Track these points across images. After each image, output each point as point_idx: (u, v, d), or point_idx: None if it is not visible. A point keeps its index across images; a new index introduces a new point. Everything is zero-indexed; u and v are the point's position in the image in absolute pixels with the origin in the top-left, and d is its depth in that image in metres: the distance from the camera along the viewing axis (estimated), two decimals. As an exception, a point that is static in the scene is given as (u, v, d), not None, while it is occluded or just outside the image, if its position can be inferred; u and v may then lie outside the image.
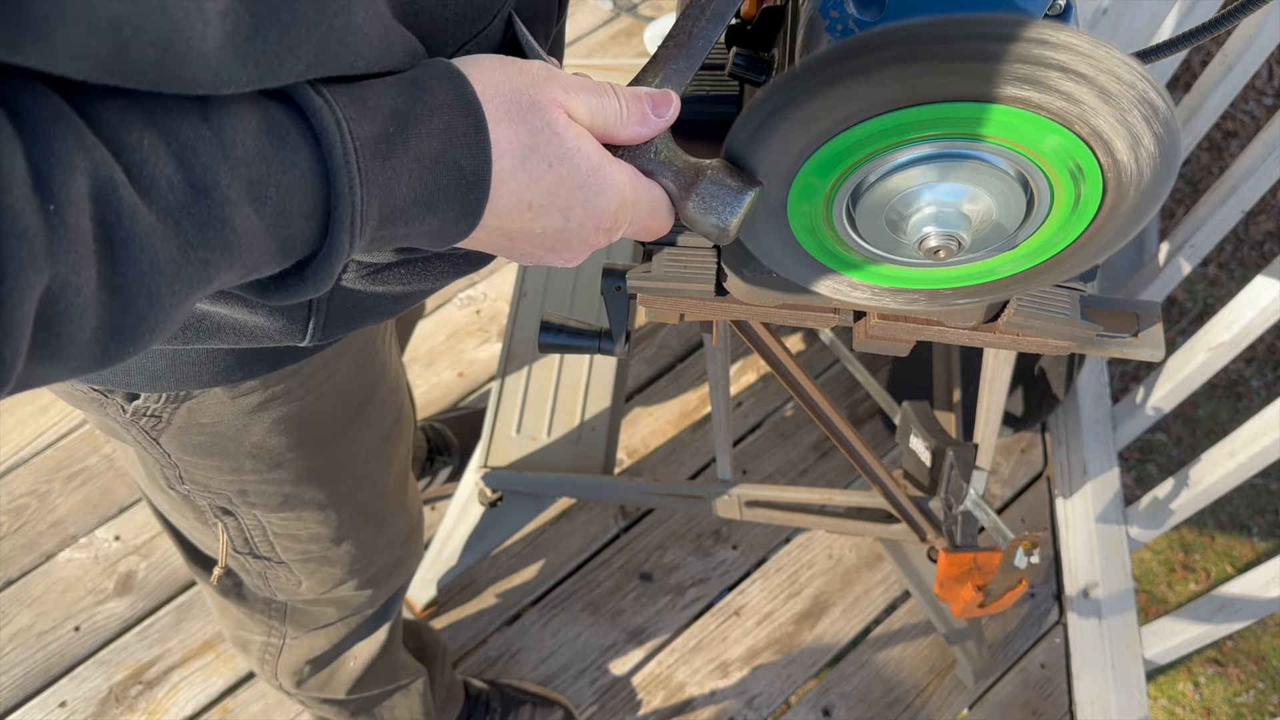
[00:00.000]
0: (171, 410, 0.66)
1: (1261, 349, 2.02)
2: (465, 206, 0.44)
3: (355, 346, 0.72)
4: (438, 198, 0.42)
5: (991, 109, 0.43)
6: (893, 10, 0.47)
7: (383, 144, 0.40)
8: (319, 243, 0.40)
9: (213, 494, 0.76)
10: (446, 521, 1.42)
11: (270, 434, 0.70)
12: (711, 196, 0.49)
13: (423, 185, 0.42)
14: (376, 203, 0.40)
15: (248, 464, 0.72)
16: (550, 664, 1.50)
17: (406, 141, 0.41)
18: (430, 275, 0.59)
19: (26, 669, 1.45)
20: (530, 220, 0.47)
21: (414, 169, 0.41)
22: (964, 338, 0.69)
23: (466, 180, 0.43)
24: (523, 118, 0.44)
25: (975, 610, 1.16)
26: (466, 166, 0.42)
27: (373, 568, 0.91)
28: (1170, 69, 1.57)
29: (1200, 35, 0.54)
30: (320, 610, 0.94)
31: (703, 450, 1.66)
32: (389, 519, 0.90)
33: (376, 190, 0.40)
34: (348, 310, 0.59)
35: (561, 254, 0.50)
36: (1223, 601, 1.34)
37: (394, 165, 0.40)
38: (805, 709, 1.49)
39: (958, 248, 0.48)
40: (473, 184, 0.43)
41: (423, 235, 0.45)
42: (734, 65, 0.61)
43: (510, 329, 1.41)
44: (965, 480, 1.11)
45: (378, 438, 0.81)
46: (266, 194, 0.37)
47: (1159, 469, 1.85)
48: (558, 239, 0.49)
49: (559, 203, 0.46)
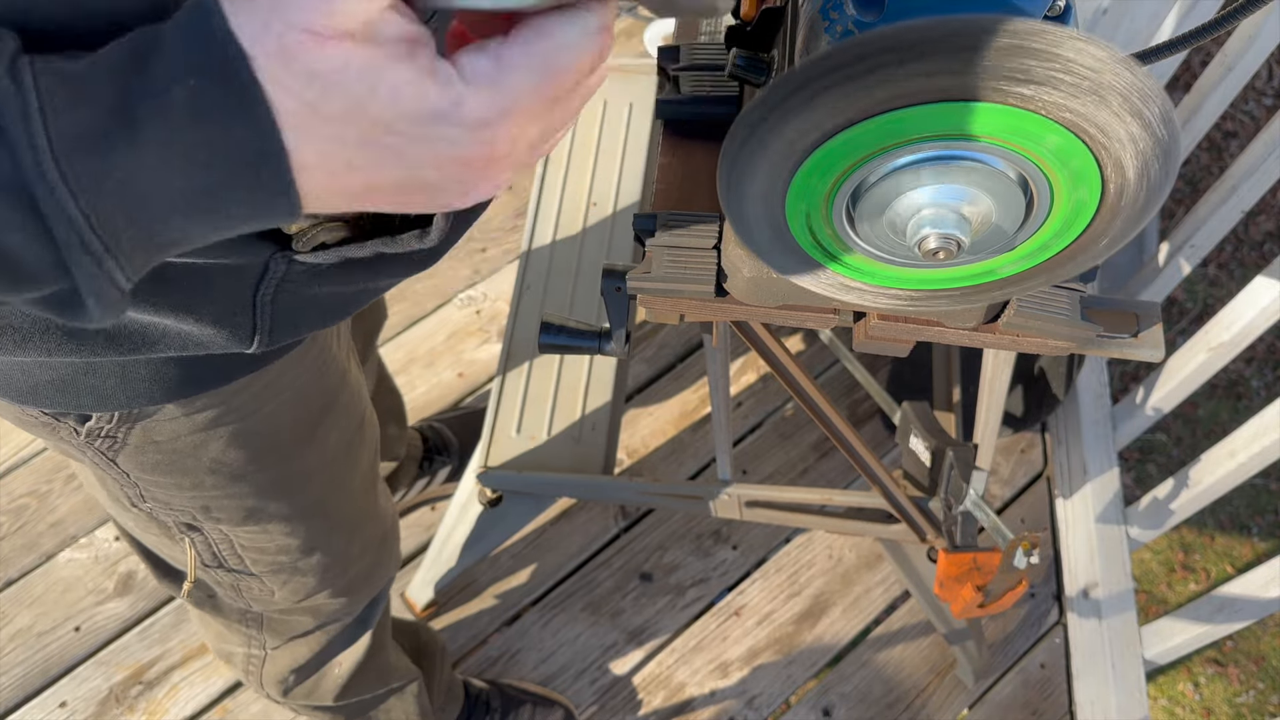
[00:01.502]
0: (126, 430, 0.65)
1: (1261, 349, 2.02)
2: (262, 188, 0.34)
3: (311, 355, 0.71)
4: (217, 185, 0.33)
5: (991, 110, 0.43)
6: (892, 12, 0.47)
7: (101, 138, 0.31)
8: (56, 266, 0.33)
9: (175, 511, 0.75)
10: (446, 522, 1.42)
11: (229, 448, 0.69)
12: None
13: (185, 176, 0.33)
14: (118, 209, 0.32)
15: (208, 480, 0.71)
16: (550, 664, 1.50)
17: (134, 127, 0.32)
18: (375, 273, 0.55)
19: (26, 669, 1.45)
20: (369, 181, 0.36)
21: (161, 157, 0.32)
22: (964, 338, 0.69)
23: (247, 155, 0.33)
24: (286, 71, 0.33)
25: (975, 610, 1.16)
26: (239, 140, 0.33)
27: (346, 575, 0.90)
28: (1170, 69, 1.57)
29: (1200, 36, 0.54)
30: (297, 619, 0.93)
31: (703, 450, 1.66)
32: (359, 526, 0.89)
33: (109, 194, 0.32)
34: (294, 313, 0.57)
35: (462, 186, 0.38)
36: (1223, 601, 1.34)
37: (125, 158, 0.32)
38: (805, 709, 1.49)
39: (957, 249, 0.48)
40: (260, 158, 0.33)
41: (239, 222, 0.35)
42: (734, 66, 0.61)
43: (510, 329, 1.41)
44: (965, 480, 1.11)
45: (341, 445, 0.80)
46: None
47: (1159, 469, 1.85)
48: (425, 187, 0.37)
49: (378, 150, 0.35)
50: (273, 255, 0.51)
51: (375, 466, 0.91)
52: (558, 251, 1.47)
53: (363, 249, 0.49)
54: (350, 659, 1.03)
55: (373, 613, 1.02)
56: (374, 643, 1.05)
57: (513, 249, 1.85)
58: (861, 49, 0.41)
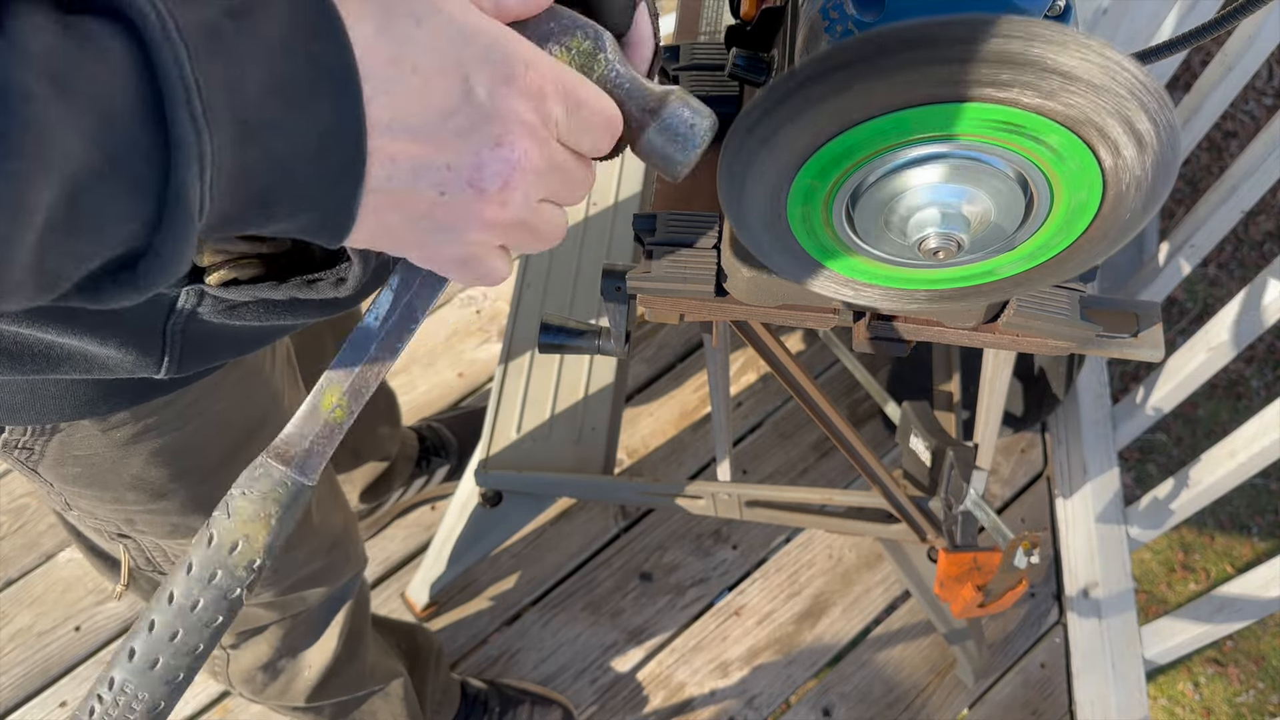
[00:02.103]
0: (43, 443, 0.64)
1: (1261, 349, 2.02)
2: (337, 97, 0.36)
3: (233, 378, 0.70)
4: (299, 89, 0.35)
5: (990, 110, 0.43)
6: (892, 11, 0.47)
7: (212, 29, 0.33)
8: (163, 151, 0.32)
9: (102, 520, 0.74)
10: (446, 522, 1.42)
11: (149, 465, 0.68)
12: (676, 125, 0.44)
13: (273, 74, 0.34)
14: (221, 91, 0.33)
15: (129, 495, 0.70)
16: (550, 664, 1.50)
17: (240, 28, 0.33)
18: (290, 313, 0.54)
19: (26, 669, 1.45)
20: (425, 94, 0.38)
21: (260, 54, 0.34)
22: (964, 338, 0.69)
23: (328, 65, 0.35)
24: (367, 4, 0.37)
25: (975, 610, 1.16)
26: (320, 52, 0.35)
27: (288, 580, 0.90)
28: (1170, 69, 1.57)
29: (1200, 35, 0.54)
30: (249, 611, 0.92)
31: (703, 450, 1.66)
32: (301, 540, 0.88)
33: (217, 73, 0.33)
34: (203, 343, 0.56)
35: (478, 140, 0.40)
36: (1223, 601, 1.34)
37: (231, 49, 0.33)
38: (805, 709, 1.49)
39: (957, 249, 0.48)
40: (336, 67, 0.35)
41: (306, 154, 0.36)
42: (734, 66, 0.61)
43: (510, 328, 1.41)
44: (965, 480, 1.11)
45: None
46: (76, 88, 0.30)
47: (1159, 469, 1.85)
48: (477, 117, 0.39)
49: (448, 60, 0.38)
50: (184, 287, 0.51)
51: (326, 480, 0.91)
52: (558, 251, 1.47)
53: (277, 290, 0.49)
54: (319, 660, 1.03)
55: (332, 610, 1.01)
56: (345, 645, 1.04)
57: (513, 249, 1.85)
58: (861, 49, 0.41)
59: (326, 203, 0.38)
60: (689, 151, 0.45)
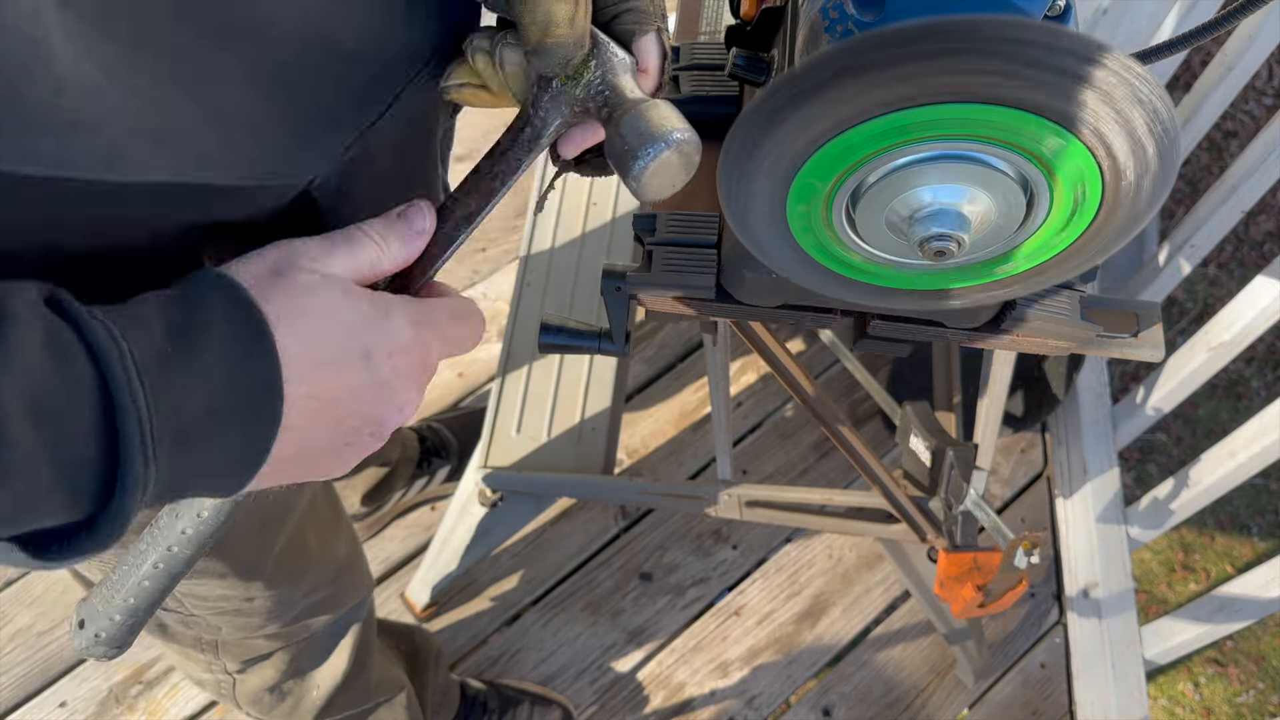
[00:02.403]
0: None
1: (1261, 349, 2.02)
2: (261, 408, 0.40)
3: None
4: (230, 410, 0.39)
5: (990, 110, 0.43)
6: (892, 11, 0.47)
7: (161, 359, 0.37)
8: (106, 475, 0.36)
9: (104, 562, 0.74)
10: (446, 522, 1.42)
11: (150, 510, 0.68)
12: (631, 132, 0.44)
13: (210, 399, 0.38)
14: (168, 422, 0.37)
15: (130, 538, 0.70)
16: (550, 664, 1.50)
17: (186, 358, 0.38)
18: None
19: (26, 669, 1.45)
20: (334, 378, 0.43)
21: (199, 385, 0.38)
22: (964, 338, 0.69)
23: (259, 384, 0.40)
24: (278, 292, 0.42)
25: (975, 610, 1.16)
26: (253, 372, 0.40)
27: (293, 611, 0.89)
28: (1170, 69, 1.57)
29: (1200, 36, 0.54)
30: (252, 643, 0.92)
31: (703, 450, 1.66)
32: (304, 572, 0.88)
33: (165, 405, 0.36)
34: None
35: (388, 406, 0.46)
36: (1223, 601, 1.34)
37: (174, 380, 0.37)
38: (805, 709, 1.49)
39: (958, 249, 0.48)
40: (265, 384, 0.40)
41: (226, 451, 0.40)
42: (734, 66, 0.61)
43: (510, 329, 1.41)
44: (965, 480, 1.11)
45: (277, 503, 0.79)
46: (44, 409, 0.33)
47: (1159, 469, 1.85)
48: (377, 389, 0.45)
49: (351, 346, 0.44)
50: None
51: (329, 506, 0.90)
52: (558, 251, 1.47)
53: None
54: (328, 680, 1.02)
55: (340, 633, 1.01)
56: (353, 664, 1.03)
57: (512, 249, 1.85)
58: (860, 50, 0.41)
59: (226, 481, 0.42)
60: (642, 160, 0.44)
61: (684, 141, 0.44)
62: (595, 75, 0.45)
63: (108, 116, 0.36)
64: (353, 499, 1.46)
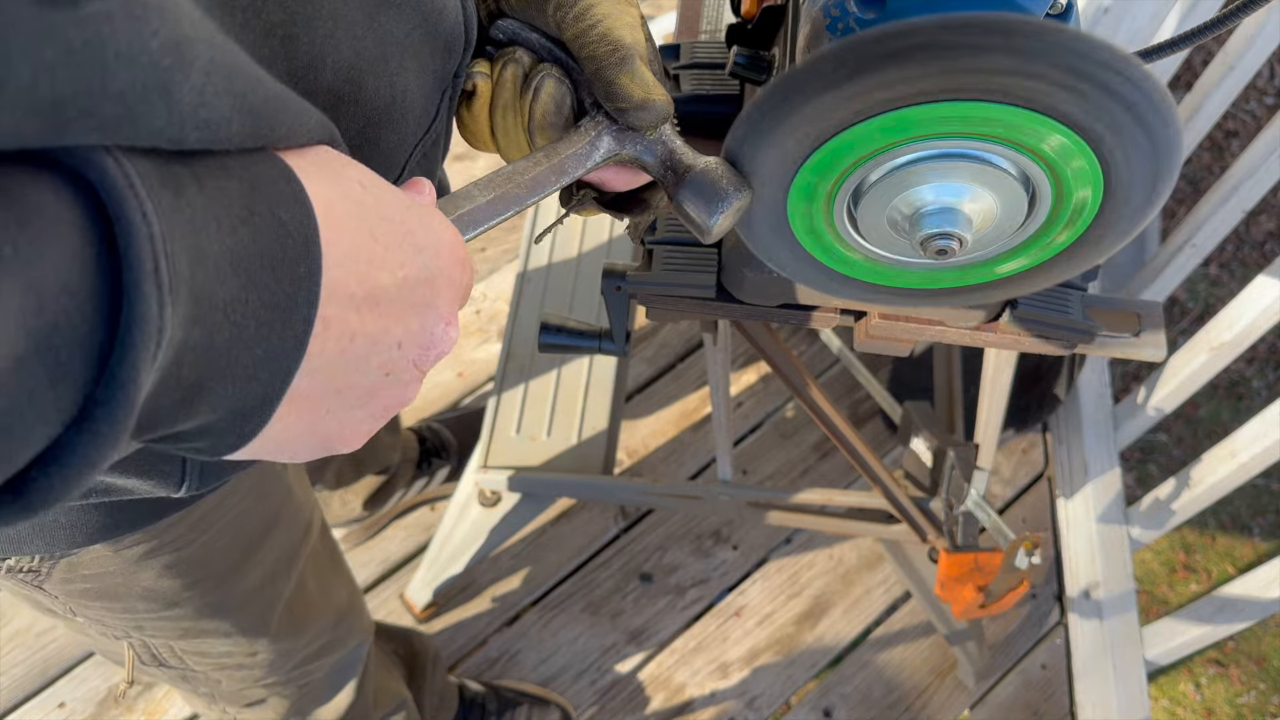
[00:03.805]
0: (50, 566, 0.61)
1: (1263, 349, 2.02)
2: (295, 266, 0.31)
3: (248, 483, 0.68)
4: (259, 260, 0.30)
5: (991, 108, 0.43)
6: (893, 9, 0.47)
7: (175, 182, 0.28)
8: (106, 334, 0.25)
9: (109, 627, 0.72)
10: (445, 522, 1.42)
11: (161, 578, 0.67)
12: (702, 189, 0.49)
13: (236, 242, 0.29)
14: (184, 261, 0.27)
15: (140, 605, 0.68)
16: (550, 665, 1.49)
17: (201, 183, 0.28)
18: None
19: (26, 669, 1.45)
20: (382, 260, 0.34)
21: (224, 218, 0.29)
22: (965, 338, 0.68)
23: (289, 231, 0.31)
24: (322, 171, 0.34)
25: (976, 611, 1.15)
26: (285, 217, 0.31)
27: (293, 660, 0.88)
28: (1171, 68, 1.57)
29: (1201, 35, 0.54)
30: (251, 692, 0.91)
31: (703, 450, 1.66)
32: (306, 623, 0.87)
33: (182, 239, 0.27)
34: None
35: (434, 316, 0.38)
36: (1224, 602, 1.34)
37: (193, 203, 0.28)
38: (806, 710, 1.49)
39: (959, 247, 0.48)
40: (296, 233, 0.31)
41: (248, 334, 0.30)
42: (735, 64, 0.61)
43: (510, 329, 1.41)
44: (966, 480, 1.10)
45: (284, 557, 0.78)
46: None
47: (1160, 469, 1.85)
48: (424, 287, 0.37)
49: (399, 227, 0.36)
50: None
51: (327, 553, 0.89)
52: (558, 252, 1.47)
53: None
54: (332, 715, 1.01)
55: (344, 673, 1.00)
56: (356, 697, 1.02)
57: (512, 249, 1.84)
58: (861, 48, 0.41)
59: (250, 395, 0.32)
60: (714, 215, 0.49)
61: (743, 196, 0.49)
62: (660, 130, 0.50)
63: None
64: (354, 504, 1.46)
